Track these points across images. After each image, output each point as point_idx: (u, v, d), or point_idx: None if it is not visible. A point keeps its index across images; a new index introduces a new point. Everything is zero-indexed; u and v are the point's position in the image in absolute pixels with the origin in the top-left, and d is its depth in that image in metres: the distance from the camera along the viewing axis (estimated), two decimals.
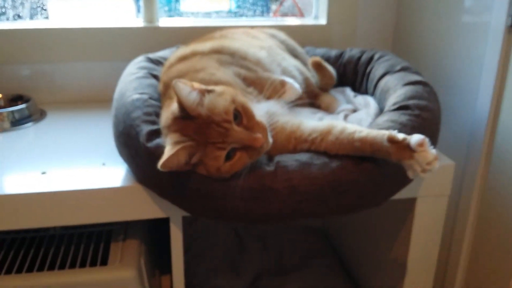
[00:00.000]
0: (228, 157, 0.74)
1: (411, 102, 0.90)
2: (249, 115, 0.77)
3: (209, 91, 0.77)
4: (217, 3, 2.38)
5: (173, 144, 0.73)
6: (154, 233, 1.17)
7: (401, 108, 0.90)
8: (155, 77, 1.04)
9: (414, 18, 1.42)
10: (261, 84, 0.94)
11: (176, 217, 0.91)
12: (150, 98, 0.91)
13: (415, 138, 0.73)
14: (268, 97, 0.90)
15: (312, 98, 1.17)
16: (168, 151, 0.72)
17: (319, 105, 1.16)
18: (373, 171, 0.79)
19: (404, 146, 0.74)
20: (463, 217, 1.18)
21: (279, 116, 0.87)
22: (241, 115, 0.76)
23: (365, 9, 1.48)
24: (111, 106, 0.99)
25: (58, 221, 0.89)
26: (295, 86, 0.98)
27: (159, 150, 0.78)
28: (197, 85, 0.77)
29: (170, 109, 0.80)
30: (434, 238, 1.04)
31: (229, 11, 2.26)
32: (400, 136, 0.75)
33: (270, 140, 0.78)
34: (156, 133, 0.82)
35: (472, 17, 1.15)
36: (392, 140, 0.75)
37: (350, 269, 1.44)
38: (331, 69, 1.20)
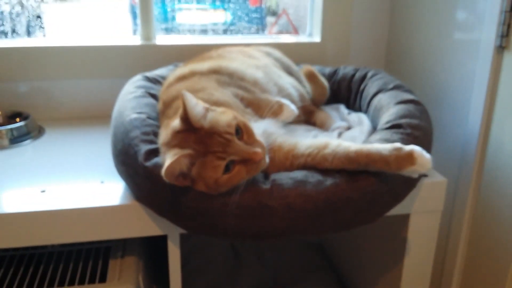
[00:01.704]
0: (227, 170, 0.76)
1: (403, 121, 0.93)
2: (250, 133, 0.80)
3: (212, 110, 0.81)
4: (213, 15, 2.41)
5: (173, 155, 0.75)
6: (151, 249, 1.18)
7: (393, 126, 0.92)
8: (153, 96, 1.05)
9: (406, 36, 1.45)
10: (259, 105, 0.97)
11: (173, 234, 0.92)
12: (148, 117, 0.93)
13: (417, 148, 0.79)
14: (265, 117, 0.93)
15: (307, 115, 1.19)
16: (169, 160, 0.74)
17: (314, 122, 1.18)
18: (367, 189, 0.81)
19: (407, 155, 0.78)
20: (457, 232, 1.20)
21: (276, 136, 0.89)
22: (242, 131, 0.79)
23: (358, 27, 1.52)
24: (109, 123, 1.01)
25: (57, 239, 0.90)
26: (291, 108, 1.00)
27: (157, 169, 0.79)
28: (201, 102, 0.80)
29: (170, 126, 0.82)
30: (428, 253, 1.05)
31: (225, 23, 2.29)
32: (405, 146, 0.79)
33: (267, 159, 0.81)
34: (154, 153, 0.84)
35: (463, 36, 1.18)
36: (397, 150, 0.79)
37: (346, 284, 1.45)
38: (323, 79, 1.22)
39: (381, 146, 0.80)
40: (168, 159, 0.75)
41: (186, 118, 0.78)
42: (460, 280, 1.23)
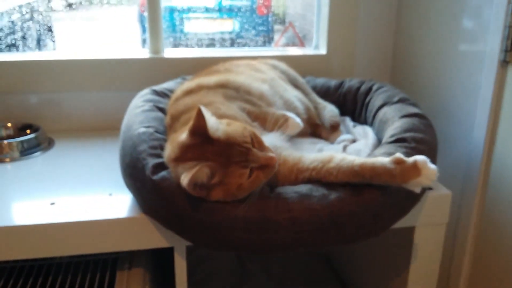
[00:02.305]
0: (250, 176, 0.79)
1: (407, 134, 0.93)
2: (259, 141, 0.83)
3: (220, 122, 0.83)
4: (221, 24, 2.44)
5: (194, 166, 0.76)
6: (158, 260, 1.19)
7: (398, 140, 0.93)
8: (161, 109, 1.07)
9: (411, 48, 1.46)
10: (265, 119, 0.99)
11: (180, 246, 0.93)
12: (156, 131, 0.95)
13: (420, 158, 0.79)
14: (271, 131, 0.95)
15: (313, 127, 1.20)
16: (191, 171, 0.75)
17: (320, 134, 1.19)
18: (371, 203, 0.82)
19: (411, 167, 0.78)
20: (462, 244, 1.20)
21: (282, 149, 0.91)
22: (252, 140, 0.81)
23: (364, 39, 1.53)
24: (118, 134, 1.03)
25: (65, 251, 0.91)
26: (296, 121, 1.02)
27: (165, 182, 0.81)
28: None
29: (177, 141, 0.84)
30: (433, 264, 1.06)
31: (233, 31, 2.31)
32: (408, 158, 0.80)
33: (276, 165, 0.83)
34: (161, 166, 0.85)
35: (468, 49, 1.18)
36: (399, 162, 0.79)
37: None
38: (336, 113, 1.24)
39: (386, 159, 0.81)
40: (188, 170, 0.76)
41: (199, 131, 0.79)
42: None
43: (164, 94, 1.16)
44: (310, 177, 0.86)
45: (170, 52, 1.48)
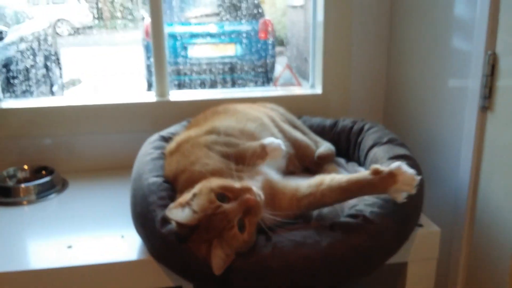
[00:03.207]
0: (243, 229, 0.83)
1: None
2: (230, 189, 0.86)
3: (193, 197, 0.86)
4: (224, 49, 2.54)
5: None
6: None
7: None
8: None
9: (402, 88, 1.53)
10: (244, 155, 0.98)
11: (187, 286, 0.99)
12: (165, 181, 1.02)
13: (394, 165, 0.88)
14: (254, 165, 0.97)
15: (313, 166, 1.26)
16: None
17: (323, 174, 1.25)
18: (361, 246, 0.89)
19: (388, 175, 0.87)
20: (454, 278, 1.25)
21: (276, 183, 0.97)
22: (225, 194, 0.85)
23: (357, 79, 1.60)
24: (127, 174, 1.11)
25: None
26: (275, 144, 1.01)
27: (172, 236, 0.89)
28: (181, 199, 0.87)
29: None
30: None
31: (235, 56, 2.41)
32: (383, 167, 0.88)
33: (261, 195, 0.87)
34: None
35: (454, 92, 1.25)
36: (376, 172, 0.88)
37: None
38: (330, 147, 1.30)
39: (366, 172, 0.89)
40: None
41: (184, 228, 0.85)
42: None
43: (171, 140, 1.23)
44: (309, 203, 0.93)
45: (175, 95, 1.57)
